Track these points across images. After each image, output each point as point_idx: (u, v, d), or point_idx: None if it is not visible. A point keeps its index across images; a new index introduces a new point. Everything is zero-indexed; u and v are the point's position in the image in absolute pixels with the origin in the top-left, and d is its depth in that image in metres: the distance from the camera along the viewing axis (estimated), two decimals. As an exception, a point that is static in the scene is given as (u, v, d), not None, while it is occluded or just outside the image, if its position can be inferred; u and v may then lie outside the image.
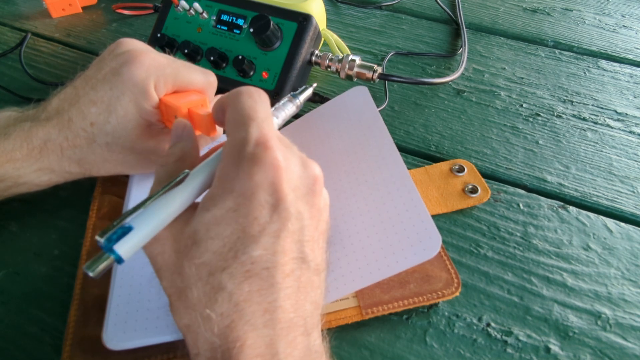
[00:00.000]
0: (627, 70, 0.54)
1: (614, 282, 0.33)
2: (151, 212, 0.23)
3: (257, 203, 0.22)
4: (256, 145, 0.23)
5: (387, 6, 0.64)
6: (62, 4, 0.60)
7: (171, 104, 0.31)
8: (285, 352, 0.21)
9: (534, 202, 0.39)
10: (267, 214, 0.22)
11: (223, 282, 0.21)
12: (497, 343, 0.30)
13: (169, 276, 0.23)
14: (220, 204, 0.22)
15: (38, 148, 0.31)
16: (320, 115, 0.40)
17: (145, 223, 0.22)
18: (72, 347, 0.28)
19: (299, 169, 0.24)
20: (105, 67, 0.32)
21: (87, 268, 0.21)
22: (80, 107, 0.31)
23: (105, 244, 0.21)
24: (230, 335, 0.21)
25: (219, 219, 0.22)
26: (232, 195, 0.22)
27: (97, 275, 0.21)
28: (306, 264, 0.24)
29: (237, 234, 0.22)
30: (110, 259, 0.21)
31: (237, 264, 0.22)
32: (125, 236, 0.21)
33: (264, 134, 0.23)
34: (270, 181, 0.22)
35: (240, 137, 0.24)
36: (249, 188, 0.22)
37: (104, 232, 0.21)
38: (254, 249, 0.22)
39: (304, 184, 0.24)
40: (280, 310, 0.22)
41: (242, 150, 0.23)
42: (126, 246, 0.21)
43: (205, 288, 0.22)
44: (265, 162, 0.23)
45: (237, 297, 0.21)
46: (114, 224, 0.22)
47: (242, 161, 0.23)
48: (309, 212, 0.24)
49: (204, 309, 0.21)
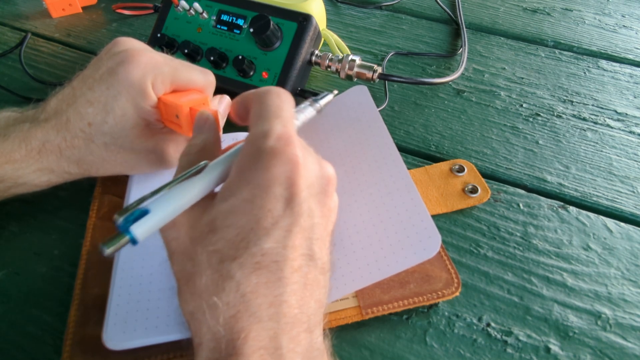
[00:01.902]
0: (627, 70, 0.54)
1: (614, 282, 0.33)
2: (169, 197, 0.23)
3: (272, 195, 0.22)
4: (278, 139, 0.23)
5: (387, 6, 0.64)
6: (62, 4, 0.60)
7: (172, 103, 0.31)
8: (288, 347, 0.21)
9: (534, 202, 0.39)
10: (281, 208, 0.23)
11: (232, 271, 0.22)
12: (497, 343, 0.30)
13: (181, 261, 0.23)
14: (237, 193, 0.23)
15: (37, 149, 0.31)
16: (320, 115, 0.40)
17: (162, 208, 0.23)
18: (72, 347, 0.28)
19: (316, 168, 0.25)
20: (102, 66, 0.31)
21: (103, 245, 0.21)
22: (77, 107, 0.31)
23: (123, 224, 0.21)
24: (235, 326, 0.21)
25: (235, 209, 0.23)
26: (249, 186, 0.23)
27: (111, 253, 0.21)
28: (314, 261, 0.24)
29: (250, 225, 0.22)
30: (125, 239, 0.21)
31: (248, 254, 0.22)
32: (142, 218, 0.22)
33: (287, 131, 0.24)
34: (287, 175, 0.23)
35: (264, 130, 0.24)
36: (265, 180, 0.23)
37: (122, 213, 0.22)
38: (265, 241, 0.22)
39: (318, 183, 0.25)
40: (286, 305, 0.22)
41: (263, 143, 0.23)
42: (142, 228, 0.22)
43: (214, 276, 0.22)
44: (284, 157, 0.23)
45: (245, 288, 0.21)
46: (133, 204, 0.22)
47: (262, 153, 0.23)
48: (321, 211, 0.25)
49: (211, 297, 0.22)
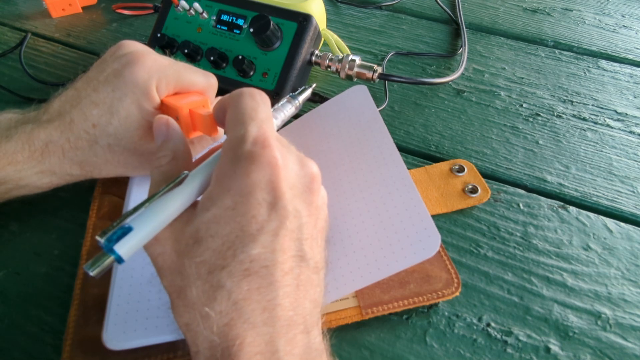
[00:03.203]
0: (627, 70, 0.53)
1: (614, 282, 0.33)
2: (151, 212, 0.23)
3: (254, 201, 0.22)
4: (254, 143, 0.23)
5: (387, 6, 0.64)
6: (62, 4, 0.60)
7: (172, 105, 0.31)
8: (285, 350, 0.21)
9: (534, 202, 0.39)
10: (265, 212, 0.22)
11: (222, 280, 0.21)
12: (497, 343, 0.30)
13: (170, 275, 0.23)
14: (218, 202, 0.23)
15: (39, 150, 0.31)
16: (319, 115, 0.40)
17: (145, 223, 0.22)
18: (72, 347, 0.28)
19: (297, 167, 0.25)
20: (107, 68, 0.32)
21: (87, 267, 0.21)
22: (81, 108, 0.31)
23: (106, 244, 0.21)
24: (229, 334, 0.21)
25: (218, 218, 0.22)
26: (230, 193, 0.22)
27: (98, 274, 0.21)
28: (305, 262, 0.24)
29: (235, 233, 0.22)
30: (110, 259, 0.21)
31: (236, 262, 0.22)
32: (125, 236, 0.22)
33: (262, 133, 0.24)
34: (267, 179, 0.22)
35: (239, 135, 0.24)
36: (246, 186, 0.22)
37: (104, 233, 0.21)
38: (252, 247, 0.22)
39: (301, 182, 0.24)
40: (280, 308, 0.22)
41: (240, 148, 0.23)
42: (126, 246, 0.21)
43: (204, 287, 0.22)
44: (263, 160, 0.23)
45: (236, 296, 0.21)
46: (114, 224, 0.22)
47: (239, 159, 0.23)
48: (307, 210, 0.24)
49: (203, 308, 0.21)
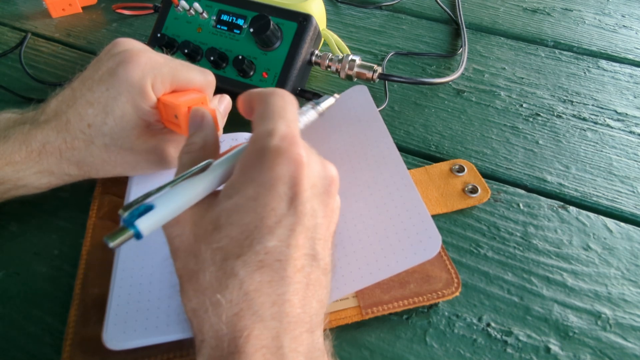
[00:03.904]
0: (627, 70, 0.53)
1: (614, 282, 0.33)
2: (174, 194, 0.23)
3: (276, 194, 0.23)
4: (282, 139, 0.24)
5: (387, 6, 0.64)
6: (62, 4, 0.60)
7: (170, 103, 0.31)
8: (290, 347, 0.21)
9: (534, 202, 0.39)
10: (284, 207, 0.23)
11: (236, 269, 0.22)
12: (497, 343, 0.30)
13: (184, 258, 0.23)
14: (242, 191, 0.23)
15: (37, 151, 0.31)
16: (321, 118, 0.40)
17: (167, 204, 0.23)
18: (72, 347, 0.28)
19: (319, 168, 0.25)
20: (102, 67, 0.31)
21: (107, 239, 0.21)
22: (77, 108, 0.31)
23: (128, 218, 0.22)
24: (237, 324, 0.21)
25: (239, 207, 0.23)
26: (254, 184, 0.23)
27: (115, 247, 0.21)
28: (317, 262, 0.24)
29: (255, 223, 0.22)
30: (129, 234, 0.22)
31: (252, 252, 0.22)
32: (147, 213, 0.22)
33: (290, 131, 0.24)
34: (291, 175, 0.23)
35: (268, 130, 0.24)
36: (270, 179, 0.23)
37: (127, 207, 0.22)
38: (269, 240, 0.22)
39: (321, 183, 0.25)
40: (288, 304, 0.22)
41: (267, 142, 0.24)
42: (147, 223, 0.22)
43: (217, 273, 0.22)
44: (289, 156, 0.23)
45: (248, 286, 0.22)
46: (138, 199, 0.22)
47: (266, 152, 0.23)
48: (323, 211, 0.25)
49: (214, 294, 0.22)
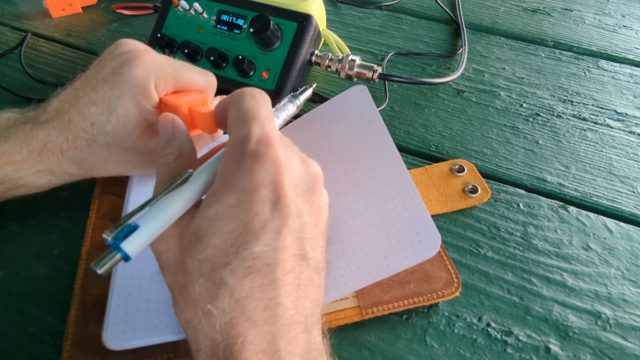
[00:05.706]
0: (627, 70, 0.53)
1: (614, 282, 0.33)
2: (157, 211, 0.23)
3: (258, 199, 0.22)
4: (258, 142, 0.23)
5: (387, 6, 0.64)
6: (62, 4, 0.60)
7: (171, 103, 0.31)
8: (286, 349, 0.21)
9: (534, 202, 0.39)
10: (268, 211, 0.22)
11: (224, 278, 0.22)
12: (497, 343, 0.30)
13: (173, 272, 0.23)
14: (222, 199, 0.23)
15: (38, 150, 0.31)
16: (319, 115, 0.40)
17: (152, 222, 0.23)
18: (72, 347, 0.28)
19: (300, 167, 0.25)
20: (106, 67, 0.32)
21: (94, 265, 0.21)
22: (80, 107, 0.31)
23: (113, 242, 0.21)
24: (231, 332, 0.21)
25: (221, 215, 0.22)
26: (234, 191, 0.23)
27: (105, 272, 0.21)
28: (306, 261, 0.24)
29: (238, 230, 0.22)
30: (117, 257, 0.21)
31: (239, 259, 0.22)
32: (131, 234, 0.22)
33: (266, 132, 0.24)
34: (271, 178, 0.23)
35: (243, 135, 0.24)
36: (250, 184, 0.22)
37: (111, 231, 0.22)
38: (255, 245, 0.22)
39: (304, 182, 0.25)
40: (281, 307, 0.22)
41: (244, 147, 0.23)
42: (133, 244, 0.22)
43: (207, 284, 0.22)
44: (267, 159, 0.23)
45: (239, 293, 0.21)
46: (121, 222, 0.22)
47: (244, 158, 0.23)
48: (309, 210, 0.24)
49: (205, 305, 0.22)
